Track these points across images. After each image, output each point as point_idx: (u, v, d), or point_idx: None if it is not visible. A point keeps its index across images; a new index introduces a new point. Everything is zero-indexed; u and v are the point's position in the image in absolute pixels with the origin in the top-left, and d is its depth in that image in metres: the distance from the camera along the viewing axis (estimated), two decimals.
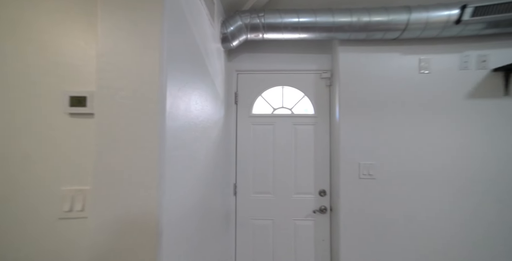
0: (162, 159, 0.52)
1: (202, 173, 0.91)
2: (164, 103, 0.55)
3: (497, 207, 1.19)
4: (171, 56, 0.59)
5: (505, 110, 1.20)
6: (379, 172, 1.25)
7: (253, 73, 1.48)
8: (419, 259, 1.22)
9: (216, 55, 1.14)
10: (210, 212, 1.02)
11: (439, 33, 1.15)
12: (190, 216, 0.75)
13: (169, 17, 0.55)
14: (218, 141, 1.19)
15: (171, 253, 0.57)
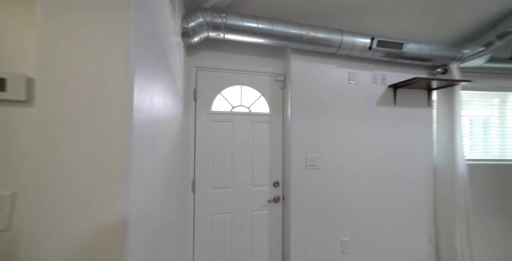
0: (130, 154, 0.49)
1: (163, 170, 0.87)
2: (132, 93, 0.52)
3: (399, 183, 1.67)
4: (138, 42, 0.56)
5: (394, 114, 1.70)
6: (321, 163, 1.52)
7: (213, 71, 1.49)
8: (352, 231, 1.56)
9: (177, 49, 1.10)
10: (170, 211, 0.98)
11: (360, 54, 1.51)
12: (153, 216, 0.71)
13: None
14: (177, 137, 1.14)
15: (134, 253, 0.54)
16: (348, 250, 1.53)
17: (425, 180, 1.73)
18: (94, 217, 0.45)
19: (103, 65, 0.48)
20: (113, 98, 0.48)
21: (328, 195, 1.53)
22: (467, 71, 1.78)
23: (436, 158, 1.75)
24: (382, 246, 1.61)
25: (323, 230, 1.51)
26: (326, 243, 1.50)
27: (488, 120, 1.98)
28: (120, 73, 0.49)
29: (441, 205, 1.70)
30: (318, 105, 1.53)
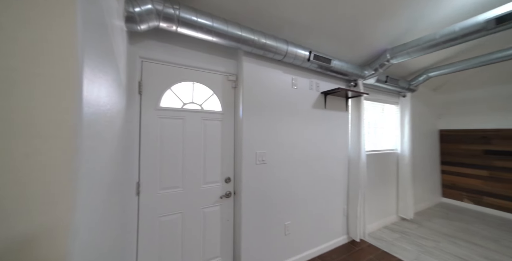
0: (77, 155, 0.43)
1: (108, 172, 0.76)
2: (81, 83, 0.45)
3: (325, 172, 2.07)
4: (85, 20, 0.48)
5: (325, 116, 2.11)
6: (268, 158, 1.70)
7: (163, 64, 1.38)
8: (292, 215, 1.82)
9: (120, 35, 0.96)
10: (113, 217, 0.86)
11: (301, 63, 1.78)
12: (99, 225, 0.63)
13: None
14: (120, 134, 1.00)
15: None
16: (289, 231, 1.80)
17: (342, 168, 2.24)
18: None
19: (47, 48, 0.40)
20: (61, 87, 0.41)
21: (274, 186, 1.73)
22: (366, 86, 2.43)
23: (349, 150, 2.30)
24: (314, 222, 1.97)
25: (270, 218, 1.70)
26: (272, 229, 1.71)
27: (376, 122, 2.76)
28: (69, 61, 0.42)
29: (351, 185, 2.25)
30: (267, 105, 1.70)
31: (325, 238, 2.06)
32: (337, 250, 2.06)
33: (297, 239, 1.85)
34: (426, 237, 2.35)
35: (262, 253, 1.64)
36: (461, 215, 3.01)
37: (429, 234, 2.43)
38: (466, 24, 1.47)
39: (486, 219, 2.87)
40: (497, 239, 2.32)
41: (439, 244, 2.21)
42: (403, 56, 1.87)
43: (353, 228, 2.21)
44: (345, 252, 2.03)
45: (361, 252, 2.04)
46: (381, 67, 2.06)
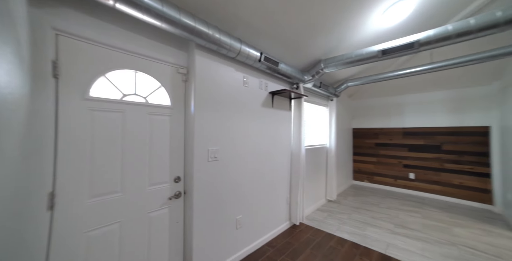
0: None
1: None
2: None
3: (272, 165, 2.25)
4: None
5: (272, 114, 2.30)
6: (221, 154, 1.69)
7: (94, 45, 1.12)
8: (244, 209, 1.88)
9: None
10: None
11: (253, 63, 1.86)
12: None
13: None
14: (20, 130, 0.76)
15: None
16: (241, 225, 1.87)
17: (286, 161, 2.51)
18: None
19: None
20: None
21: (226, 182, 1.74)
22: (305, 89, 2.81)
23: (292, 146, 2.60)
24: (262, 213, 2.13)
25: (222, 214, 1.71)
26: (225, 224, 1.72)
27: (312, 121, 3.26)
28: None
29: (293, 176, 2.57)
30: (219, 102, 1.68)
31: (272, 226, 2.26)
32: (281, 235, 2.31)
33: (248, 231, 1.95)
34: (343, 212, 2.99)
35: (214, 250, 1.64)
36: (363, 192, 4.01)
37: (345, 209, 3.11)
38: (367, 50, 1.97)
39: (376, 192, 3.96)
40: (378, 204, 3.29)
41: (351, 215, 2.87)
42: (332, 67, 2.28)
43: (294, 214, 2.53)
44: (288, 236, 2.30)
45: (300, 233, 2.37)
46: (317, 74, 2.44)
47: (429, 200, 3.57)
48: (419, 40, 1.68)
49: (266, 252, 1.96)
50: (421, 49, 1.72)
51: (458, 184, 3.46)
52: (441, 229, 2.49)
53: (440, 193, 3.62)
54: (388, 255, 1.94)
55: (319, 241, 2.18)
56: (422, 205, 3.31)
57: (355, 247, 2.07)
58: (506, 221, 2.72)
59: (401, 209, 3.10)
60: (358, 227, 2.51)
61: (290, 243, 2.13)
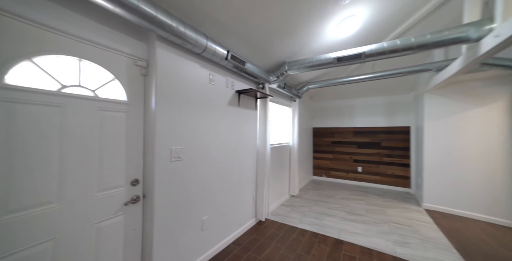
0: None
1: None
2: None
3: (239, 163, 2.26)
4: None
5: (239, 113, 2.32)
6: (185, 154, 1.61)
7: (13, 18, 0.90)
8: (210, 209, 1.83)
9: None
10: None
11: (219, 61, 1.83)
12: None
13: None
14: None
15: None
16: (206, 226, 1.82)
17: (252, 159, 2.56)
18: None
19: None
20: None
21: (192, 183, 1.67)
22: (271, 90, 2.93)
23: (258, 144, 2.67)
24: (229, 211, 2.12)
25: (187, 216, 1.63)
26: (189, 226, 1.65)
27: (276, 120, 3.42)
28: None
29: (259, 174, 2.64)
30: (184, 99, 1.60)
31: (238, 224, 2.28)
32: (248, 232, 2.35)
33: (214, 231, 1.91)
34: (304, 205, 3.24)
35: (177, 256, 1.55)
36: (321, 186, 4.43)
37: (306, 203, 3.37)
38: (325, 57, 2.19)
39: (332, 185, 4.43)
40: (333, 195, 3.69)
41: (311, 207, 3.14)
42: (295, 70, 2.44)
43: (260, 210, 2.61)
44: (254, 232, 2.36)
45: (266, 228, 2.46)
46: (281, 76, 2.56)
47: (372, 188, 4.20)
48: (364, 52, 1.96)
49: (232, 251, 1.97)
50: (366, 60, 2.00)
51: (391, 174, 4.18)
52: (378, 211, 2.97)
53: (379, 182, 4.30)
54: (341, 239, 2.20)
55: (283, 235, 2.30)
56: (367, 193, 3.87)
57: (314, 236, 2.27)
58: (416, 199, 3.52)
59: (351, 199, 3.55)
60: (317, 218, 2.76)
61: (256, 239, 2.19)
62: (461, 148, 2.95)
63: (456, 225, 2.59)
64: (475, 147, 2.86)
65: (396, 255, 1.92)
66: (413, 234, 2.33)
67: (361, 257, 1.88)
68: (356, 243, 2.12)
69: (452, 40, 1.62)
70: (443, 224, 2.61)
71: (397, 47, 1.81)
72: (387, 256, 1.91)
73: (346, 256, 1.90)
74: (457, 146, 2.98)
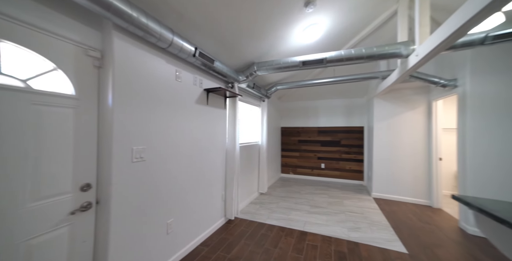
0: None
1: None
2: None
3: (208, 163, 2.21)
4: None
5: (207, 112, 2.27)
6: (149, 154, 1.50)
7: None
8: (176, 212, 1.74)
9: None
10: None
11: (186, 57, 1.76)
12: None
13: None
14: None
15: None
16: (172, 229, 1.73)
17: (221, 158, 2.54)
18: None
19: None
20: None
21: (156, 184, 1.57)
22: (240, 89, 2.95)
23: (227, 143, 2.66)
24: (197, 212, 2.06)
25: (150, 220, 1.52)
26: (153, 232, 1.55)
27: (246, 120, 3.46)
28: None
29: (228, 173, 2.63)
30: (148, 95, 1.49)
31: (207, 225, 2.23)
32: (217, 232, 2.32)
33: (180, 234, 1.83)
34: (273, 202, 3.37)
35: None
36: (288, 182, 4.66)
37: (274, 199, 3.50)
38: (292, 60, 2.32)
39: (298, 182, 4.71)
40: (299, 191, 3.94)
41: (279, 204, 3.28)
42: (264, 70, 2.51)
43: (229, 209, 2.60)
44: (223, 232, 2.34)
45: (235, 227, 2.47)
46: (250, 76, 2.60)
47: (333, 183, 4.62)
48: (326, 58, 2.14)
49: (200, 252, 1.92)
50: (328, 65, 2.20)
51: (348, 169, 4.68)
52: (337, 203, 3.30)
53: (339, 177, 4.76)
54: (305, 230, 2.37)
55: (252, 231, 2.35)
56: (328, 187, 4.24)
57: (281, 230, 2.38)
58: (367, 190, 4.04)
59: (315, 193, 3.84)
60: (284, 213, 2.90)
61: (225, 238, 2.19)
62: (398, 144, 3.51)
63: (393, 208, 3.08)
64: (406, 143, 3.45)
65: (349, 239, 2.17)
66: (363, 220, 2.66)
67: (322, 245, 2.06)
68: (318, 233, 2.32)
69: (391, 54, 1.92)
70: (385, 209, 3.06)
71: (351, 55, 2.04)
72: (343, 241, 2.14)
73: (309, 246, 2.05)
74: (395, 143, 3.53)
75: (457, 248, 2.04)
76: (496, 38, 1.60)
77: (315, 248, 2.01)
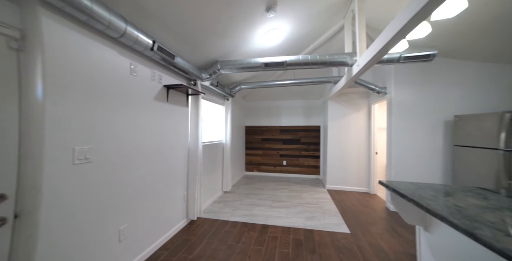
0: None
1: None
2: None
3: (169, 162, 2.08)
4: None
5: (167, 109, 2.15)
6: (97, 155, 1.34)
7: None
8: (131, 216, 1.60)
9: None
10: None
11: (143, 50, 1.63)
12: None
13: None
14: None
15: None
16: (125, 235, 1.58)
17: (183, 158, 2.44)
18: None
19: None
20: None
21: (106, 187, 1.41)
22: (203, 87, 2.89)
23: (189, 142, 2.57)
24: (156, 216, 1.94)
25: (97, 228, 1.37)
26: (100, 241, 1.39)
27: (209, 118, 3.40)
28: None
29: (191, 173, 2.55)
30: (95, 89, 1.33)
31: (168, 227, 2.12)
32: (179, 234, 2.23)
33: (137, 240, 1.70)
34: (236, 199, 3.42)
35: None
36: (252, 180, 4.80)
37: (238, 197, 3.56)
38: (255, 61, 2.41)
39: (262, 179, 4.90)
40: (263, 188, 4.13)
41: (242, 201, 3.36)
42: (227, 69, 2.53)
43: (192, 210, 2.53)
44: (185, 233, 2.27)
45: (198, 227, 2.42)
46: (214, 74, 2.58)
47: (293, 178, 4.98)
48: (286, 61, 2.30)
49: (160, 257, 1.82)
50: (288, 68, 2.37)
51: (307, 165, 5.11)
52: (297, 196, 3.59)
53: (299, 173, 5.15)
54: (267, 224, 2.50)
55: (215, 230, 2.35)
56: (289, 183, 4.55)
57: (244, 226, 2.45)
58: (323, 183, 4.51)
59: (277, 189, 4.07)
60: (247, 209, 2.98)
61: (187, 239, 2.13)
62: (346, 141, 4.05)
63: (342, 197, 3.55)
64: (352, 140, 4.02)
65: (306, 228, 2.40)
66: (318, 210, 2.98)
67: (282, 235, 2.22)
68: (278, 225, 2.48)
69: (339, 62, 2.21)
70: (336, 198, 3.50)
71: (308, 61, 2.25)
72: (300, 230, 2.36)
73: (270, 237, 2.19)
74: (344, 140, 4.06)
75: (383, 223, 2.53)
76: (406, 58, 2.11)
77: (275, 239, 2.16)
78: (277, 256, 1.86)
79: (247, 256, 1.85)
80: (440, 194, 1.14)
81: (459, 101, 2.75)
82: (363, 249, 1.97)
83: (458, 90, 2.75)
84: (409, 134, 2.88)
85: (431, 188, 1.26)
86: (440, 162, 2.81)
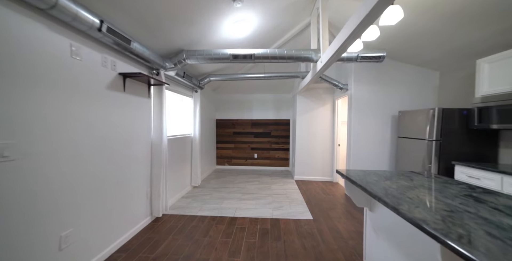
0: None
1: None
2: None
3: (127, 156, 1.90)
4: None
5: (124, 100, 1.94)
6: (22, 151, 1.13)
7: None
8: (77, 219, 1.42)
9: None
10: None
11: (88, 30, 1.41)
12: None
13: None
14: None
15: None
16: (70, 242, 1.40)
17: (145, 152, 2.27)
18: None
19: None
20: None
21: (37, 192, 1.22)
22: (167, 77, 2.69)
23: (152, 135, 2.39)
24: (112, 216, 1.77)
25: (25, 239, 1.19)
26: (31, 253, 1.22)
27: (176, 111, 3.22)
28: None
29: (154, 168, 2.39)
30: (21, 75, 1.11)
31: (127, 227, 1.97)
32: (140, 233, 2.11)
33: (84, 246, 1.53)
34: (206, 194, 3.38)
35: None
36: (223, 174, 4.78)
37: (207, 191, 3.52)
38: (223, 52, 2.32)
39: (233, 172, 4.91)
40: (233, 181, 4.17)
41: (212, 195, 3.33)
42: (194, 59, 2.39)
43: (156, 207, 2.40)
44: (148, 231, 2.15)
45: (163, 224, 2.32)
46: (179, 63, 2.41)
47: (264, 171, 5.12)
48: (254, 54, 2.28)
49: (116, 260, 1.70)
50: (256, 61, 2.35)
51: (277, 157, 5.31)
52: (266, 188, 3.72)
53: (269, 165, 5.32)
54: (236, 216, 2.54)
55: (181, 226, 2.29)
56: (260, 175, 4.66)
57: (213, 219, 2.45)
58: (291, 174, 4.76)
59: (247, 181, 4.14)
60: (217, 203, 2.97)
61: (150, 238, 2.02)
62: (313, 134, 4.31)
63: (308, 187, 3.82)
64: (318, 133, 4.30)
65: (273, 217, 2.52)
66: (286, 199, 3.14)
67: (249, 226, 2.29)
68: (247, 216, 2.54)
69: (305, 58, 2.29)
70: (303, 188, 3.74)
71: (276, 55, 2.27)
72: (267, 219, 2.46)
73: (238, 229, 2.23)
74: (311, 133, 4.31)
75: (341, 208, 2.83)
76: (362, 58, 2.32)
77: (243, 230, 2.21)
78: (243, 246, 1.91)
79: (213, 249, 1.86)
80: (381, 179, 1.30)
81: (403, 98, 3.16)
82: (323, 232, 2.17)
83: (403, 89, 3.16)
84: (365, 127, 3.21)
85: (376, 174, 1.43)
86: (388, 151, 3.22)
